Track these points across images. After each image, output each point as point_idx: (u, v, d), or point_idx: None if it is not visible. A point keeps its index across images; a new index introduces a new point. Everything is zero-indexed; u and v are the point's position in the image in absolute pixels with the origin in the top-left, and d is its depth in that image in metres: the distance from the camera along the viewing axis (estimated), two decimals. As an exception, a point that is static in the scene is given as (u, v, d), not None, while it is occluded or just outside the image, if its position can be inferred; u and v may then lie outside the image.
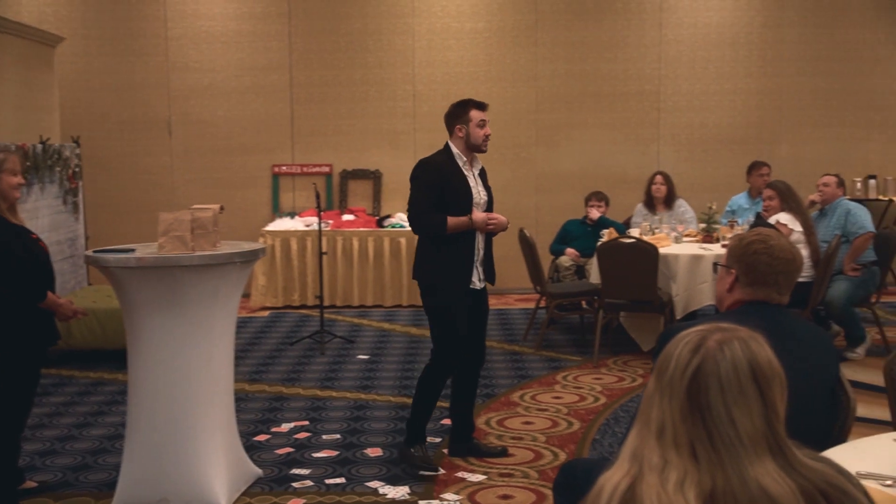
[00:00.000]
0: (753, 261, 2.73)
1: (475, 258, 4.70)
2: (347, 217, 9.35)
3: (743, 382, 1.54)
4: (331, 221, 9.10)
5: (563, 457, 4.80)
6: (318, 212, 7.53)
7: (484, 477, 4.55)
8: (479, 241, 4.73)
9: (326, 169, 9.76)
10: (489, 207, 4.82)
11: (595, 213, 7.93)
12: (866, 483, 2.20)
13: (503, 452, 4.86)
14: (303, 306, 8.99)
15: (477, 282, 4.74)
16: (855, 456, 2.45)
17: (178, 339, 4.11)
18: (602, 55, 9.74)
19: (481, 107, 4.69)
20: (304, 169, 9.76)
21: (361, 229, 9.07)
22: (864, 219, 6.79)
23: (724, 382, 1.53)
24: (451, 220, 4.57)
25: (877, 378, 2.83)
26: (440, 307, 4.65)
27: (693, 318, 6.60)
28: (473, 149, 4.69)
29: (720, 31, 9.75)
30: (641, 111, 9.80)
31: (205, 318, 4.16)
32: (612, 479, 1.58)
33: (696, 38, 9.74)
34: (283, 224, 9.23)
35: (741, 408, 1.53)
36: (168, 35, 9.68)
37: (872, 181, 9.46)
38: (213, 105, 9.74)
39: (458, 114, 4.67)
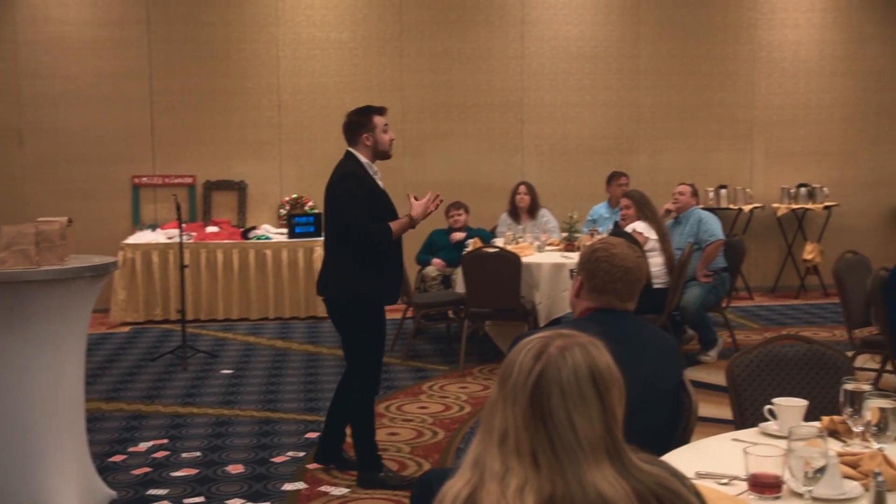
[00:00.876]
0: (595, 268, 2.80)
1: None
2: (211, 229, 9.15)
3: (583, 388, 1.57)
4: (194, 234, 8.89)
5: (427, 467, 4.82)
6: (179, 224, 7.36)
7: (347, 490, 4.52)
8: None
9: (189, 180, 9.53)
10: None
11: (458, 236, 7.96)
12: (704, 482, 2.29)
13: None
14: (165, 321, 8.74)
15: None
16: (696, 456, 2.54)
17: (23, 359, 3.93)
18: (466, 66, 9.86)
19: (382, 112, 4.63)
20: (166, 180, 9.51)
21: (226, 241, 8.90)
22: (715, 227, 7.09)
23: (565, 388, 1.56)
24: (394, 226, 4.51)
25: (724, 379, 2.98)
26: (366, 324, 4.52)
27: (557, 324, 6.74)
28: (381, 156, 4.62)
29: (580, 45, 10.01)
30: (505, 122, 9.96)
31: (53, 337, 3.99)
32: (454, 487, 1.60)
33: (556, 51, 9.98)
34: (144, 237, 8.96)
35: (581, 413, 1.56)
36: (17, 40, 9.28)
37: (723, 190, 9.88)
38: (69, 114, 9.38)
39: (362, 122, 4.57)
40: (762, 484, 2.20)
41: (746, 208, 9.86)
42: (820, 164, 10.32)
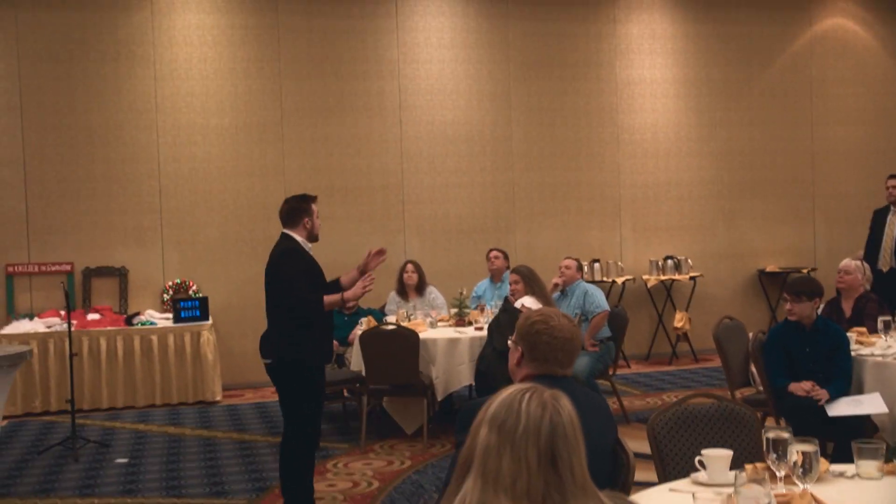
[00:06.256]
0: (536, 340, 3.03)
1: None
2: (93, 316, 8.95)
3: (576, 433, 1.79)
4: (75, 321, 8.64)
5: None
6: (68, 311, 7.21)
7: (272, 571, 4.53)
8: None
9: (67, 267, 9.31)
10: None
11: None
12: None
13: None
14: (45, 413, 8.44)
15: None
16: (639, 507, 2.77)
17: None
18: (347, 150, 10.10)
19: (315, 200, 5.23)
20: (42, 267, 9.26)
21: (109, 328, 8.72)
22: (600, 298, 7.49)
23: (567, 433, 1.76)
24: (327, 299, 5.14)
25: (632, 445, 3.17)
26: (306, 382, 5.06)
27: (482, 395, 6.90)
28: (313, 238, 5.26)
29: (455, 129, 10.42)
30: (387, 203, 10.22)
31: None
32: None
33: (433, 134, 10.36)
34: (20, 326, 8.67)
35: (576, 456, 1.77)
36: None
37: (597, 264, 10.39)
38: (-63, 202, 9.08)
39: (303, 208, 5.18)
40: (712, 525, 2.43)
41: (619, 280, 10.39)
42: (682, 238, 11.01)
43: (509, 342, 3.17)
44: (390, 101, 10.24)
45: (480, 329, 7.19)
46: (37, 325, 8.68)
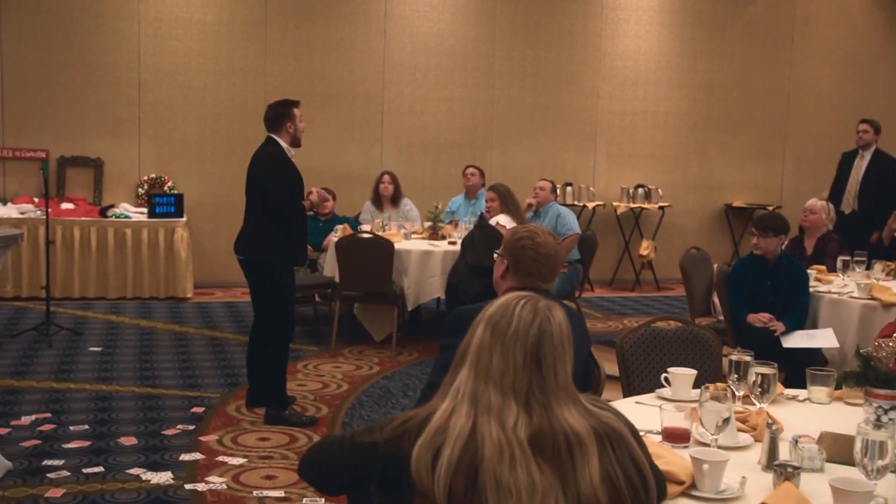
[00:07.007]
0: (521, 254, 3.17)
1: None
2: (67, 206, 8.97)
3: (564, 341, 1.95)
4: (49, 210, 8.67)
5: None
6: (46, 199, 7.24)
7: (244, 460, 4.71)
8: None
9: (42, 154, 9.27)
10: None
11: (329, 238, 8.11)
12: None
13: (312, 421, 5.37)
14: (17, 298, 8.52)
15: None
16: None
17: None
18: (329, 56, 10.06)
19: (298, 105, 5.31)
20: (17, 153, 9.21)
21: (83, 218, 8.75)
22: (572, 221, 7.66)
23: (555, 339, 1.92)
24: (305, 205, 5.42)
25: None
26: (277, 280, 5.25)
27: (456, 305, 7.07)
28: (296, 143, 5.31)
29: (439, 42, 10.40)
30: (366, 113, 10.23)
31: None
32: (458, 421, 1.89)
33: (416, 46, 10.33)
34: (-7, 210, 8.68)
35: (561, 361, 1.94)
36: None
37: (569, 188, 10.54)
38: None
39: (286, 113, 5.26)
40: (675, 435, 2.63)
41: (590, 205, 10.56)
42: (655, 168, 11.17)
43: (495, 255, 3.30)
44: (376, 9, 10.17)
45: (454, 244, 7.33)
46: (10, 211, 8.69)
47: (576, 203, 10.48)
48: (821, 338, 5.34)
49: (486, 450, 1.83)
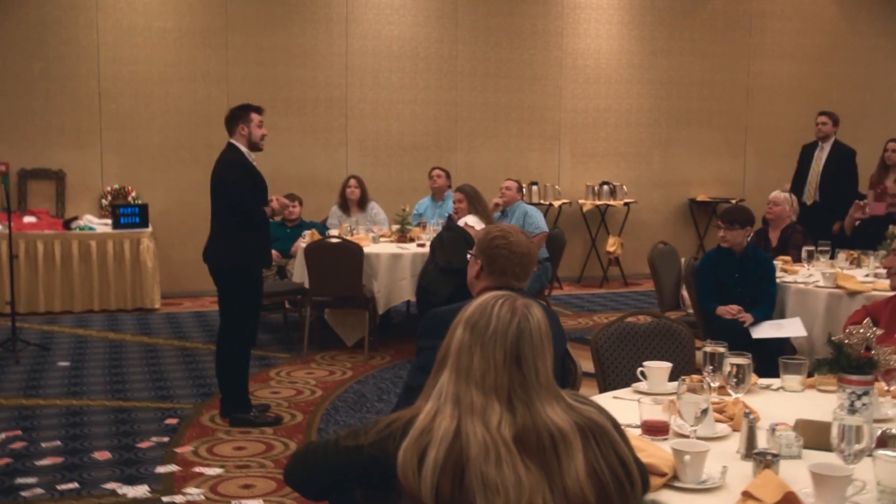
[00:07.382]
0: (495, 254, 3.18)
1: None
2: (29, 219, 8.85)
3: (543, 338, 1.97)
4: (10, 224, 8.55)
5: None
6: (9, 213, 7.14)
7: (221, 470, 4.68)
8: None
9: (2, 167, 9.08)
10: None
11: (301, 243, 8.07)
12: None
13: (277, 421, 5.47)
14: (-21, 315, 8.40)
15: None
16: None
17: None
18: (292, 61, 10.02)
19: (259, 110, 5.35)
20: (-24, 167, 9.07)
21: (47, 231, 8.64)
22: (539, 220, 7.69)
23: (534, 337, 1.94)
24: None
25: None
26: (244, 285, 5.34)
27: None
28: (253, 147, 5.39)
29: (401, 45, 10.40)
30: (330, 116, 10.21)
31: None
32: (442, 423, 1.90)
33: (379, 49, 10.32)
34: (-46, 226, 8.54)
35: (541, 359, 1.95)
36: None
37: (535, 187, 10.59)
38: None
39: (239, 115, 5.35)
40: (654, 428, 2.65)
41: (556, 203, 10.61)
42: (619, 165, 11.25)
43: (468, 256, 3.31)
44: (337, 13, 10.15)
45: (422, 246, 7.34)
46: (-29, 226, 8.55)
47: (542, 202, 10.53)
48: (789, 327, 5.42)
49: (472, 450, 1.84)
